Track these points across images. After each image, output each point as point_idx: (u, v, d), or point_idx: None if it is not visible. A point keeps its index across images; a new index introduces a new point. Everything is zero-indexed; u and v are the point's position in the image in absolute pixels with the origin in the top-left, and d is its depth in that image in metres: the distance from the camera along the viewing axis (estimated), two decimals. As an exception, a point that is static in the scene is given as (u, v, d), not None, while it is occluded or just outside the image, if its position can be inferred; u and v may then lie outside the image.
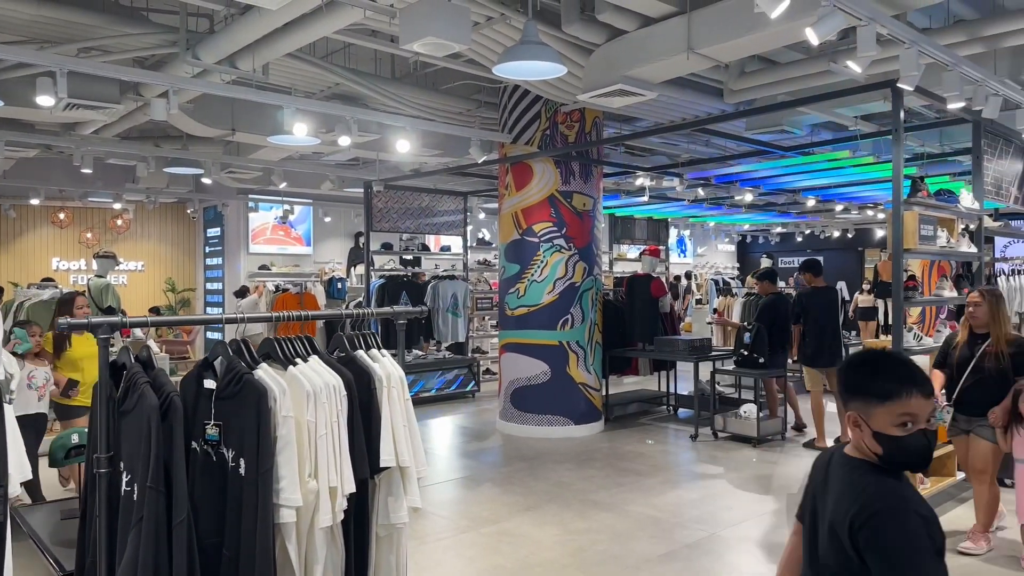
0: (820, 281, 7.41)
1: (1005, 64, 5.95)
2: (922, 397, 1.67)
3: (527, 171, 7.74)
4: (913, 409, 1.66)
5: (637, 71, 5.56)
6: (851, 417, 1.75)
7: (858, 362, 1.78)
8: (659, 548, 4.61)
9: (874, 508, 1.61)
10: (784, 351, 7.48)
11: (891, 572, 1.57)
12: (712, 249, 20.73)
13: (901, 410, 1.66)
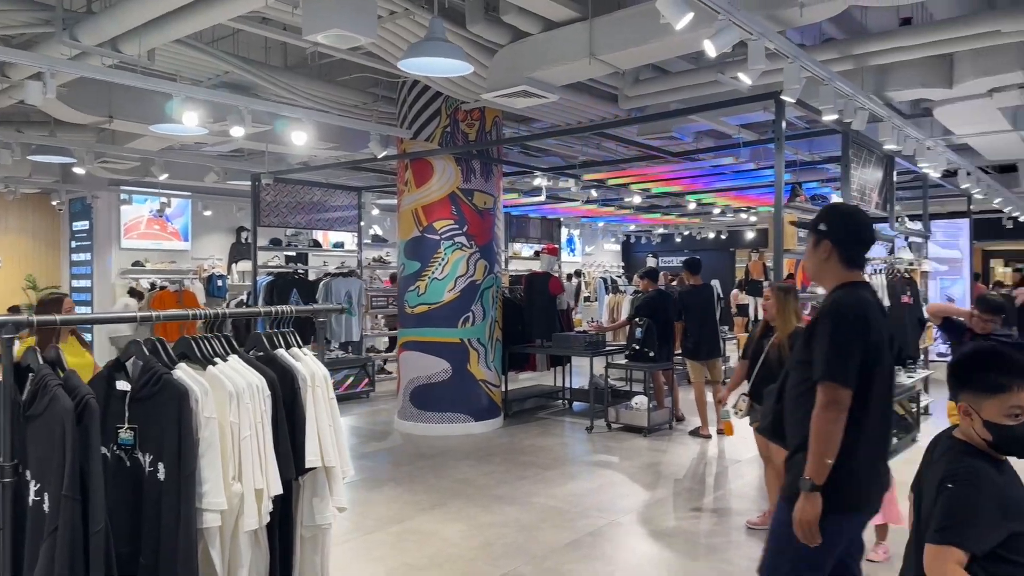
0: (697, 279, 7.89)
1: (870, 81, 6.52)
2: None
3: (427, 168, 7.72)
4: (1022, 402, 1.87)
5: (540, 73, 5.68)
6: (962, 407, 1.95)
7: (970, 357, 1.98)
8: (563, 537, 4.75)
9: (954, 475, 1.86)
10: (668, 345, 7.87)
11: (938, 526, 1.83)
12: (599, 248, 21.41)
13: (1012, 402, 1.87)
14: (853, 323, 2.41)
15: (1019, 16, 4.89)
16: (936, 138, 7.92)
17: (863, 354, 2.40)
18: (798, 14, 4.52)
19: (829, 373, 2.37)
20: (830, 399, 2.36)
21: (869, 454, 2.45)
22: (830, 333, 2.42)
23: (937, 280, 10.95)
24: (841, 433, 2.37)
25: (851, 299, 2.47)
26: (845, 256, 2.56)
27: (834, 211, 2.76)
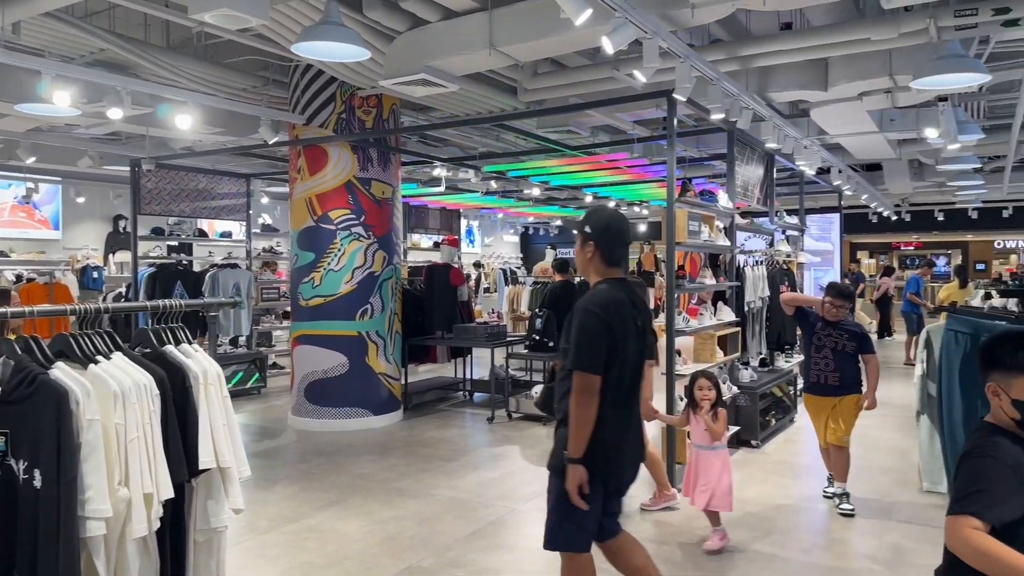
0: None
1: (754, 82, 6.87)
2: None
3: (322, 155, 7.50)
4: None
5: (439, 62, 5.63)
6: (991, 387, 2.02)
7: (1000, 339, 2.05)
8: (465, 528, 4.76)
9: (972, 449, 1.94)
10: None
11: (955, 496, 1.88)
12: (499, 239, 21.54)
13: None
14: (600, 318, 2.75)
15: (886, 26, 5.27)
16: (812, 138, 8.45)
17: (608, 345, 2.75)
18: (690, 15, 4.69)
19: (579, 362, 2.73)
20: (581, 385, 2.73)
21: (614, 431, 2.83)
22: (579, 326, 2.77)
23: (811, 271, 11.70)
24: (594, 414, 2.74)
25: (601, 296, 2.83)
26: (606, 256, 2.92)
27: (598, 215, 3.04)
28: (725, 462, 4.39)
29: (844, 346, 5.04)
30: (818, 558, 4.25)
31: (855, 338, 5.05)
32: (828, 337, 5.08)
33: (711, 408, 4.39)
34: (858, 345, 5.03)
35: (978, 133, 8.38)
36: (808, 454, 6.67)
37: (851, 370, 5.06)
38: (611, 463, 2.84)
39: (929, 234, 22.62)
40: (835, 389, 5.07)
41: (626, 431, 2.90)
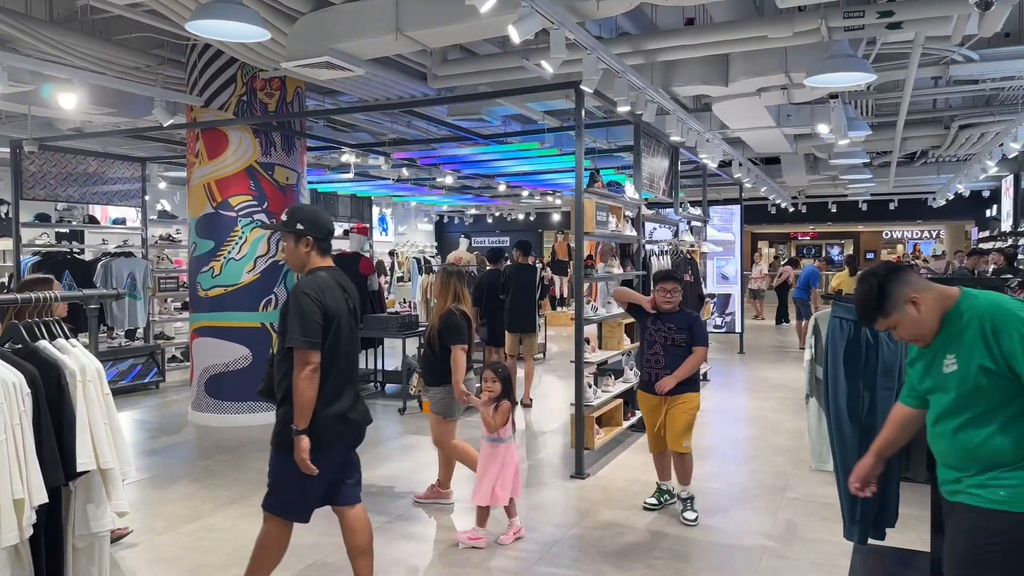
0: (526, 259, 8.38)
1: (659, 76, 7.02)
2: None
3: (222, 139, 7.18)
4: None
5: (344, 45, 5.47)
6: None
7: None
8: (374, 521, 4.67)
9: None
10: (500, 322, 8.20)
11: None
12: (413, 228, 21.30)
13: None
14: (314, 299, 3.03)
15: (782, 25, 5.49)
16: (714, 131, 8.74)
17: (325, 324, 3.03)
18: (595, 7, 4.74)
19: (298, 340, 2.98)
20: (302, 361, 2.98)
21: (341, 403, 3.14)
22: (295, 308, 3.03)
23: (714, 260, 12.14)
24: (316, 387, 3.01)
25: (315, 280, 3.11)
26: (320, 247, 3.21)
27: (303, 212, 3.31)
28: (507, 456, 4.32)
29: (674, 339, 4.65)
30: (716, 537, 4.42)
31: (685, 329, 4.66)
32: (658, 331, 4.70)
33: (494, 401, 4.33)
34: (689, 336, 4.65)
35: (866, 130, 8.88)
36: (712, 436, 6.93)
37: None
38: (338, 432, 3.15)
39: (824, 225, 23.93)
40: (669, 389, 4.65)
41: (351, 401, 3.21)
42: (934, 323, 2.32)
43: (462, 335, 4.72)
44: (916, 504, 3.65)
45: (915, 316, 2.31)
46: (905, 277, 2.35)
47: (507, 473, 4.29)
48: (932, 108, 10.60)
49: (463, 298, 4.87)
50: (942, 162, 14.59)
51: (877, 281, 2.36)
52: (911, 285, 2.33)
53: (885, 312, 2.35)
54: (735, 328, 12.38)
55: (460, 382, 4.65)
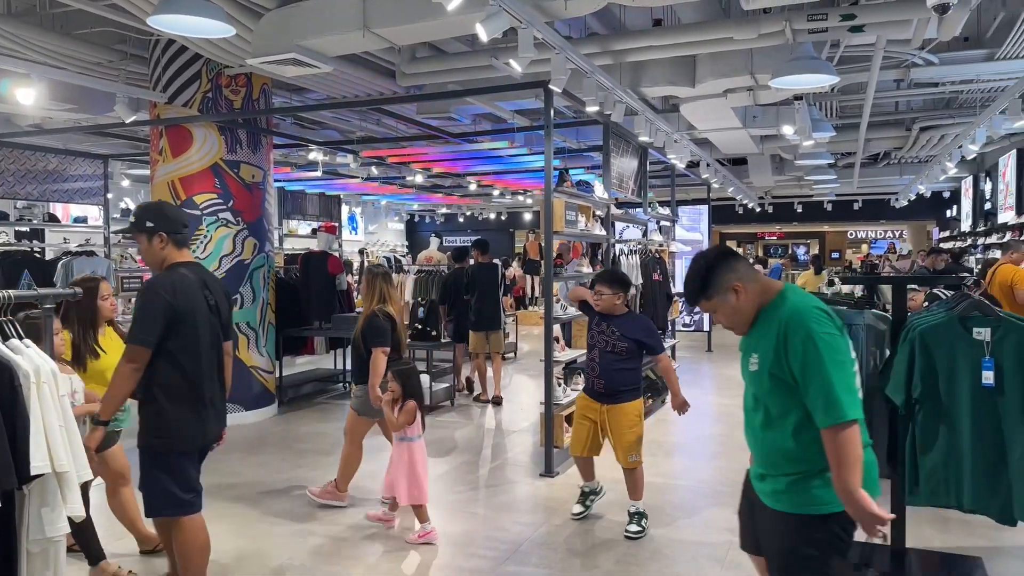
0: (487, 258, 8.38)
1: (627, 76, 7.06)
2: None
3: (186, 136, 7.06)
4: None
5: (311, 42, 5.41)
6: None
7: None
8: (341, 524, 4.66)
9: None
10: (466, 320, 8.21)
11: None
12: (383, 227, 21.16)
13: None
14: (162, 297, 3.02)
15: (747, 26, 5.56)
16: (682, 132, 8.82)
17: (168, 321, 3.02)
18: (563, 7, 4.74)
19: (133, 336, 3.02)
20: (130, 356, 3.03)
21: (195, 402, 3.14)
22: (139, 305, 3.08)
23: (682, 259, 12.25)
24: (133, 385, 3.06)
25: (170, 277, 3.10)
26: (176, 241, 3.18)
27: (152, 209, 3.31)
28: (414, 454, 4.35)
29: (614, 346, 4.34)
30: (683, 533, 4.46)
31: (629, 339, 4.33)
32: (600, 335, 4.41)
33: (397, 400, 4.36)
34: (631, 346, 4.31)
35: (830, 131, 9.02)
36: (678, 434, 7.00)
37: (620, 376, 4.33)
38: (194, 430, 3.16)
39: (790, 225, 24.29)
40: (601, 396, 4.41)
41: (207, 400, 3.19)
42: (750, 314, 2.36)
43: (383, 337, 4.68)
44: (877, 499, 3.72)
45: (734, 304, 2.35)
46: (733, 264, 2.37)
47: (417, 472, 4.34)
48: (894, 110, 10.83)
49: (389, 299, 4.84)
50: (904, 163, 14.90)
51: (705, 264, 2.39)
52: (736, 273, 2.35)
53: (707, 295, 2.38)
54: (703, 326, 12.51)
55: (375, 385, 4.61)
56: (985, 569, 3.51)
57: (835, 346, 2.20)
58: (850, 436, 2.13)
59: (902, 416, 3.16)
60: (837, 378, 2.15)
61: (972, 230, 15.57)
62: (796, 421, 2.24)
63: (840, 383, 2.15)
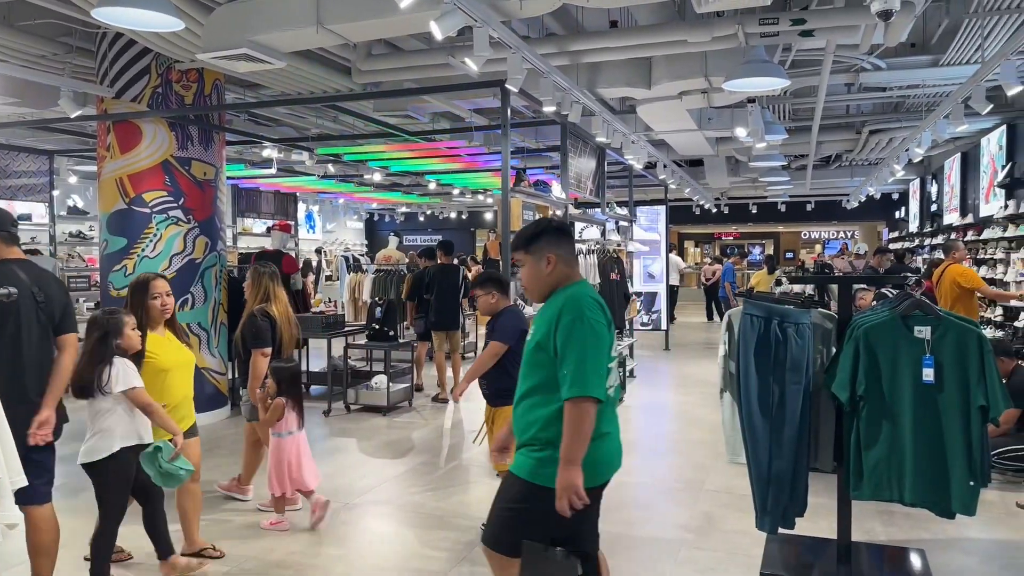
0: (449, 259, 8.46)
1: (584, 77, 7.10)
2: None
3: (135, 132, 6.88)
4: None
5: (264, 37, 5.32)
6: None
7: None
8: (295, 527, 4.59)
9: None
10: (426, 318, 8.21)
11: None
12: (341, 225, 20.91)
13: None
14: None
15: (701, 29, 5.63)
16: (639, 133, 8.90)
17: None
18: (518, 6, 4.74)
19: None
20: None
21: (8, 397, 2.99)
22: None
23: (640, 259, 12.37)
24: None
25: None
26: (4, 239, 3.21)
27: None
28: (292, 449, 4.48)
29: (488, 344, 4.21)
30: (637, 530, 4.50)
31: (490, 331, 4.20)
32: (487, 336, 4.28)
33: (268, 397, 4.43)
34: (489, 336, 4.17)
35: (783, 134, 9.21)
36: (634, 432, 7.06)
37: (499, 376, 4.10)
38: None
39: (745, 225, 24.74)
40: (488, 398, 4.32)
41: (24, 393, 3.22)
42: (546, 287, 2.55)
43: (262, 339, 4.58)
44: (824, 493, 3.81)
45: (538, 269, 2.54)
46: (562, 241, 2.58)
47: (282, 467, 4.43)
48: (845, 113, 11.09)
49: (274, 299, 4.73)
50: (855, 165, 15.29)
51: (544, 226, 2.60)
52: (559, 249, 2.55)
53: (528, 248, 2.57)
54: (661, 325, 12.65)
55: (255, 388, 4.55)
56: (927, 561, 3.60)
57: (599, 333, 2.40)
58: (587, 410, 2.33)
59: (847, 413, 3.23)
60: (591, 359, 2.36)
61: (919, 231, 16.05)
62: (548, 395, 2.43)
63: (592, 363, 2.36)
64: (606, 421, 2.50)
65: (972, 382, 3.06)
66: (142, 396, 3.43)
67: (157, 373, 3.64)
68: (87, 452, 3.54)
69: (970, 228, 11.45)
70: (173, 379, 3.76)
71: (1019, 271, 8.64)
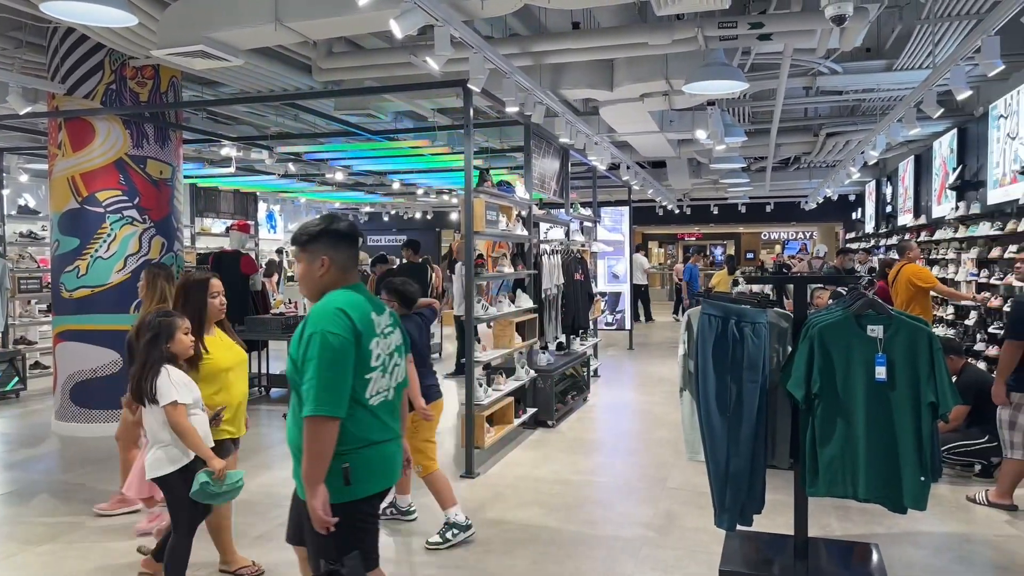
0: (417, 257, 8.35)
1: (548, 77, 7.12)
2: None
3: (88, 129, 6.70)
4: None
5: (221, 34, 5.22)
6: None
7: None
8: (253, 530, 4.52)
9: None
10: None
11: None
12: (302, 226, 20.65)
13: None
14: None
15: (662, 32, 5.68)
16: (602, 135, 8.95)
17: None
18: (480, 6, 4.73)
19: None
20: None
21: None
22: None
23: (604, 259, 12.45)
24: None
25: None
26: None
27: None
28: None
29: None
30: (599, 529, 4.52)
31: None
32: None
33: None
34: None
35: (742, 136, 9.34)
36: (598, 431, 7.11)
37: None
38: None
39: (707, 226, 25.07)
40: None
41: None
42: (314, 289, 2.50)
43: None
44: (782, 490, 3.86)
45: (311, 270, 2.49)
46: (342, 244, 2.50)
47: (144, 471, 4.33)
48: (803, 116, 11.30)
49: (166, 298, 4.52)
50: (813, 167, 15.58)
51: (324, 227, 2.50)
52: (335, 253, 2.49)
53: (305, 246, 2.50)
54: (625, 325, 12.75)
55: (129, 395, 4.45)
56: (880, 555, 3.68)
57: (336, 347, 2.30)
58: (317, 430, 2.27)
59: (803, 411, 3.29)
60: (324, 376, 2.28)
61: (875, 231, 16.43)
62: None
63: (327, 380, 2.28)
64: (374, 430, 2.44)
65: (922, 380, 3.13)
66: (179, 416, 3.18)
67: (218, 373, 3.54)
68: (153, 465, 3.26)
69: (923, 229, 11.75)
70: (233, 378, 3.66)
71: (969, 271, 8.90)
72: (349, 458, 2.36)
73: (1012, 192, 7.76)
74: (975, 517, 4.67)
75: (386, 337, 2.52)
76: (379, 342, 2.46)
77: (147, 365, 3.22)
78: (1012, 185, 7.83)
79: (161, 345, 3.23)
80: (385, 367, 2.49)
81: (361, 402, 2.39)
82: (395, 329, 2.63)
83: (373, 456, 2.44)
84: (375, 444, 2.45)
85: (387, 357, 2.51)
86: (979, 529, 4.47)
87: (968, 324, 8.78)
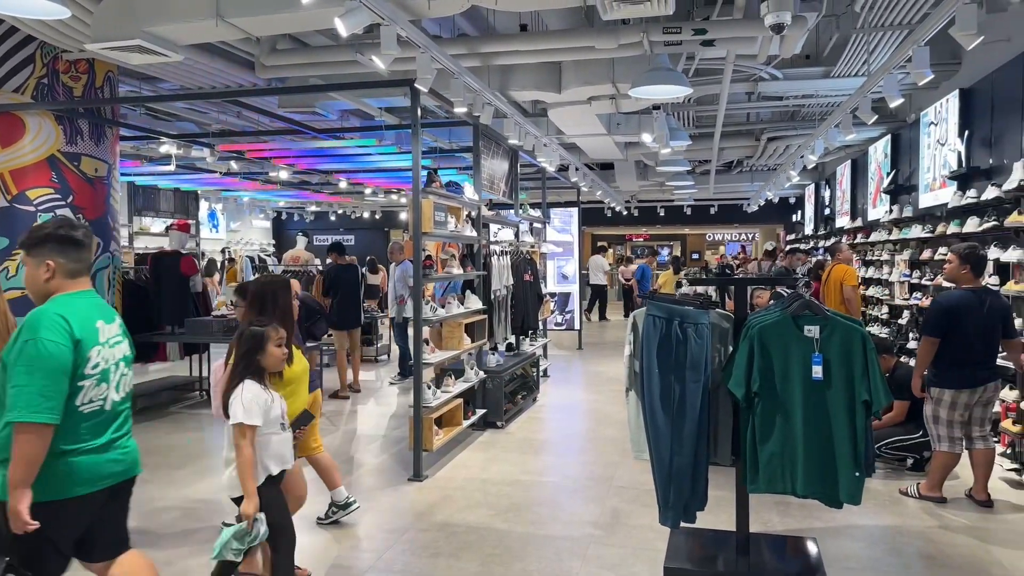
0: (345, 259, 8.55)
1: (496, 79, 7.12)
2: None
3: (17, 125, 6.43)
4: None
5: (159, 29, 5.08)
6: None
7: None
8: (192, 538, 4.40)
9: None
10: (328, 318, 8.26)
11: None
12: (247, 225, 20.20)
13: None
14: None
15: (608, 36, 5.74)
16: (551, 136, 9.01)
17: None
18: (426, 6, 4.71)
19: None
20: None
21: None
22: None
23: (554, 259, 12.53)
24: None
25: None
26: None
27: None
28: None
29: None
30: (547, 529, 4.54)
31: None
32: None
33: None
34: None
35: (687, 139, 9.50)
36: (547, 431, 7.14)
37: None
38: None
39: (654, 227, 25.43)
40: None
41: None
42: (40, 293, 2.56)
43: None
44: (725, 487, 3.95)
45: (36, 274, 2.55)
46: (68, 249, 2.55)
47: None
48: (745, 121, 11.58)
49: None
50: (755, 171, 15.98)
51: (49, 232, 2.56)
52: (65, 257, 2.54)
53: (28, 251, 2.56)
54: (574, 325, 12.85)
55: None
56: (819, 548, 3.79)
57: (50, 354, 2.37)
58: (30, 435, 2.34)
59: (743, 409, 3.36)
60: (26, 383, 2.34)
61: (815, 233, 16.93)
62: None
63: (37, 387, 2.35)
64: (80, 437, 2.50)
65: (856, 378, 3.24)
66: (241, 439, 3.00)
67: (287, 384, 3.40)
68: (232, 485, 3.08)
69: (860, 231, 12.15)
70: (298, 389, 3.56)
71: (902, 272, 9.24)
72: (50, 461, 2.41)
73: (941, 196, 8.09)
74: (907, 510, 4.85)
75: (111, 347, 2.58)
76: (101, 351, 2.52)
77: (231, 379, 3.12)
78: (942, 189, 8.17)
79: (252, 359, 3.11)
80: (105, 376, 2.55)
81: (69, 409, 2.44)
82: (124, 339, 2.69)
83: (77, 463, 2.49)
84: (79, 452, 2.50)
85: (113, 366, 2.59)
86: (910, 521, 4.65)
87: (901, 323, 9.12)
